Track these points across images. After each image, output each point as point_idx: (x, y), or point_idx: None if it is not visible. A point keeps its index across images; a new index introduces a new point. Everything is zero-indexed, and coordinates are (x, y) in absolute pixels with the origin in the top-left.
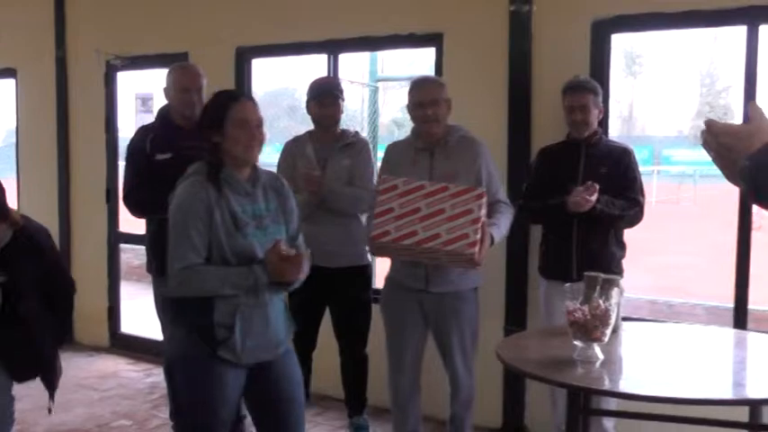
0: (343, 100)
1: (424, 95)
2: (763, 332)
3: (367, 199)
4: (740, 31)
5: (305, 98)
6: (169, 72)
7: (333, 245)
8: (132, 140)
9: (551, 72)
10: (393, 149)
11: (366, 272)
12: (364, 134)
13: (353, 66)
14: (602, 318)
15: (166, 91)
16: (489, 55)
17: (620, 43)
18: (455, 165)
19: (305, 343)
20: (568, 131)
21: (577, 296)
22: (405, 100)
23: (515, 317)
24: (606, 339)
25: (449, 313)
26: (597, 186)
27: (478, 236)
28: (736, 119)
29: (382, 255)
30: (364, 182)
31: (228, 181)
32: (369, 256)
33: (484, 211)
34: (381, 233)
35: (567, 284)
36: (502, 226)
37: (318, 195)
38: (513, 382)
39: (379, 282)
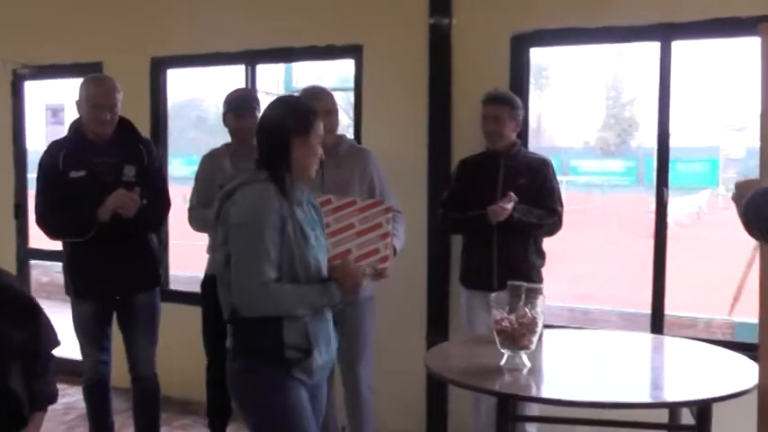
0: (260, 112)
1: (321, 106)
2: (678, 337)
3: None
4: (650, 46)
5: (215, 109)
6: (82, 85)
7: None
8: (44, 157)
9: (471, 85)
10: None
11: None
12: None
13: (268, 76)
14: (529, 326)
15: (79, 104)
16: (409, 67)
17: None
18: (346, 174)
19: (225, 360)
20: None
21: (503, 305)
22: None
23: (437, 327)
24: (533, 347)
25: (348, 324)
26: (513, 195)
27: (389, 251)
28: (641, 130)
29: None
30: None
31: (292, 191)
32: None
33: (392, 225)
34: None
35: (493, 294)
36: (401, 236)
37: None
38: (436, 391)
39: None
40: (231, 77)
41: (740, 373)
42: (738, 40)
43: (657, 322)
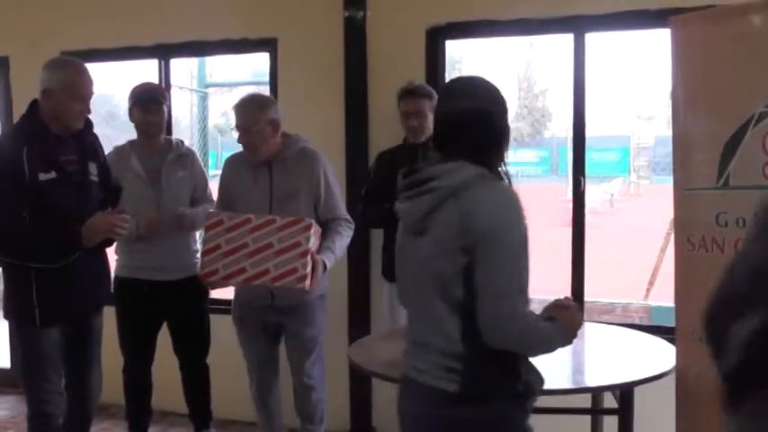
0: (168, 106)
1: (240, 121)
2: (597, 322)
3: None
4: (563, 39)
5: (126, 105)
6: (56, 70)
7: (166, 258)
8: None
9: (387, 77)
10: (232, 165)
11: (201, 281)
12: (193, 141)
13: (181, 71)
14: None
15: (49, 92)
16: (325, 60)
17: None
18: (295, 180)
19: (143, 359)
20: (405, 136)
21: None
22: (229, 106)
23: (359, 321)
24: None
25: (298, 323)
26: None
27: (308, 269)
28: (554, 120)
29: (217, 288)
30: (207, 195)
31: None
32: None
33: (312, 242)
34: (210, 272)
35: None
36: (336, 248)
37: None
38: (361, 385)
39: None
40: (144, 72)
41: (659, 356)
42: (648, 32)
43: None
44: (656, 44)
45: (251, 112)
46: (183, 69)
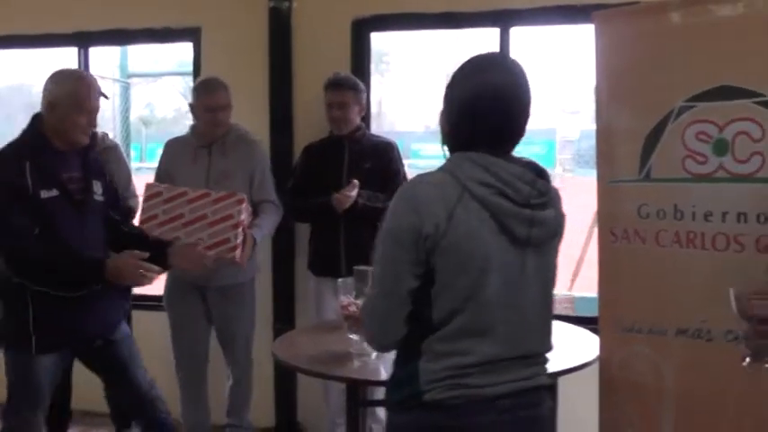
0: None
1: (216, 101)
2: None
3: (134, 209)
4: (489, 33)
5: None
6: (64, 81)
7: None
8: (1, 168)
9: (313, 69)
10: (173, 146)
11: None
12: (116, 133)
13: (102, 60)
14: None
15: (53, 105)
16: (249, 51)
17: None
18: (231, 163)
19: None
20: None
21: (350, 291)
22: (153, 97)
23: (284, 315)
24: None
25: (231, 306)
26: (356, 182)
27: (239, 240)
28: None
29: None
30: (131, 190)
31: None
32: None
33: (244, 216)
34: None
35: (340, 279)
36: (264, 227)
37: None
38: (285, 381)
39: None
40: (62, 60)
41: (582, 346)
42: (574, 27)
43: None
44: (582, 39)
45: (225, 92)
46: (105, 59)
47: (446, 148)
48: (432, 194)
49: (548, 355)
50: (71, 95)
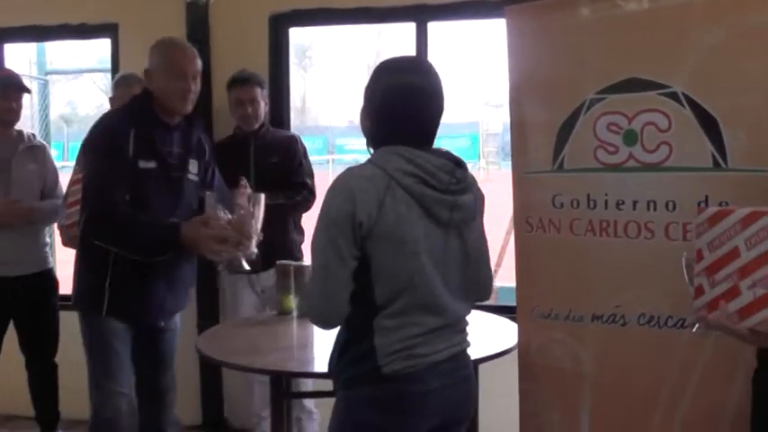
0: (29, 93)
1: (135, 92)
2: None
3: (62, 209)
4: (408, 27)
5: None
6: (155, 48)
7: (10, 252)
8: (106, 132)
9: (231, 64)
10: None
11: (50, 276)
12: (36, 131)
13: (19, 57)
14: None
15: (150, 74)
16: None
17: (291, 37)
18: None
19: None
20: (236, 125)
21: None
22: (74, 94)
23: (207, 311)
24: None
25: None
26: (245, 182)
27: None
28: None
29: (73, 245)
30: (57, 191)
31: None
32: (51, 260)
33: None
34: (74, 222)
35: (208, 192)
36: None
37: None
38: (211, 377)
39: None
40: None
41: (502, 334)
42: (494, 22)
43: None
44: (502, 33)
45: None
46: (21, 56)
47: (369, 142)
48: (363, 186)
49: (467, 319)
50: (163, 61)
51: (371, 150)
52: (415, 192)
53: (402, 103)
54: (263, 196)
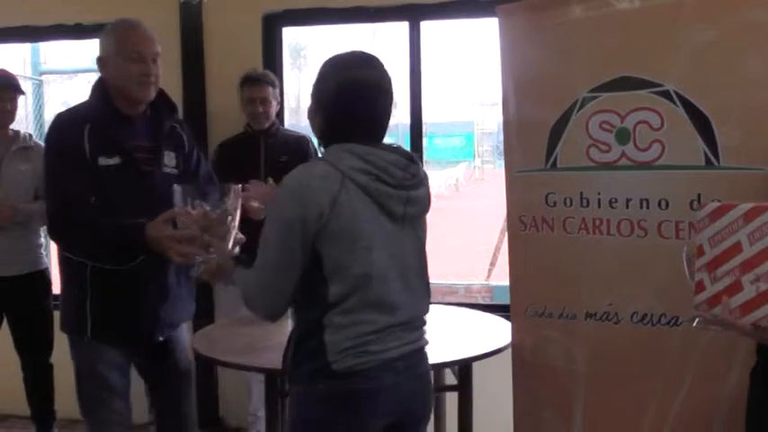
0: (23, 94)
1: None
2: (440, 304)
3: None
4: (401, 26)
5: None
6: (107, 32)
7: (5, 252)
8: (57, 133)
9: (225, 64)
10: None
11: (44, 277)
12: (31, 131)
13: (13, 57)
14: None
15: (104, 61)
16: (161, 46)
17: (285, 37)
18: None
19: None
20: (247, 123)
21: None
22: (69, 94)
23: (203, 310)
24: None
25: None
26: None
27: None
28: (399, 108)
29: None
30: None
31: None
32: (45, 260)
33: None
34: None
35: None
36: None
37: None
38: (206, 376)
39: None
40: None
41: (496, 332)
42: (486, 21)
43: None
44: (495, 32)
45: None
46: (15, 56)
47: (320, 141)
48: (315, 185)
49: (425, 317)
50: (115, 44)
51: (322, 150)
52: (369, 188)
53: (353, 100)
54: (238, 188)
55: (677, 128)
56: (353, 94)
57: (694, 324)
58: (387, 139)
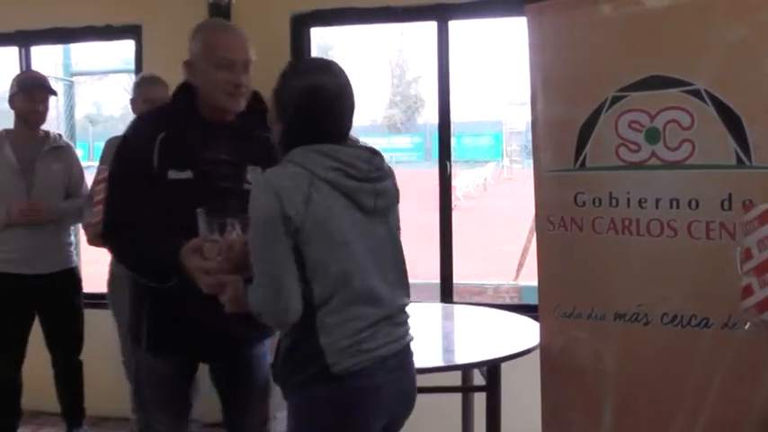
0: (54, 95)
1: (154, 93)
2: (468, 304)
3: (87, 208)
4: (430, 26)
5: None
6: (196, 33)
7: (36, 250)
8: (127, 138)
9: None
10: (114, 144)
11: (74, 275)
12: (62, 132)
13: (44, 59)
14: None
15: (190, 64)
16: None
17: (313, 37)
18: None
19: (13, 358)
20: None
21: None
22: (99, 95)
23: None
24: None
25: None
26: None
27: None
28: (427, 107)
29: (99, 244)
30: (82, 190)
31: None
32: (75, 259)
33: None
34: (102, 220)
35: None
36: None
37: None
38: None
39: (88, 285)
40: (3, 60)
41: (525, 333)
42: (515, 20)
43: (447, 291)
44: (524, 31)
45: (166, 88)
46: (47, 57)
47: (283, 144)
48: (287, 185)
49: (407, 310)
50: (205, 48)
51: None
52: (338, 184)
53: (316, 104)
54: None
55: (708, 127)
56: (316, 98)
57: (746, 327)
58: (413, 139)
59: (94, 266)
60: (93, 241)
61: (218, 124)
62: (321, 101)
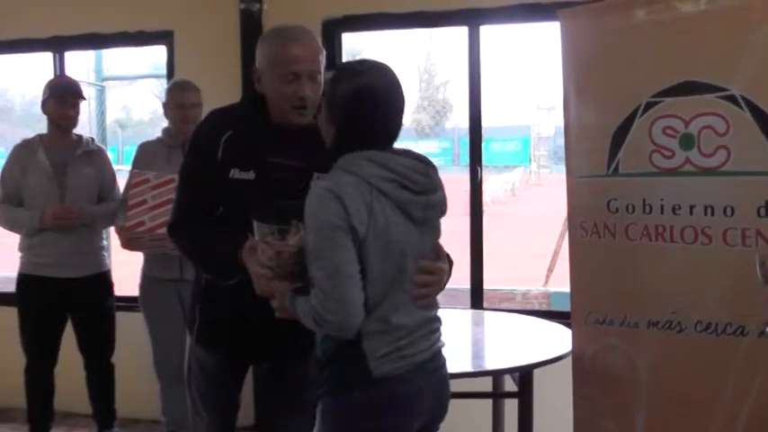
0: (84, 99)
1: (186, 98)
2: (498, 310)
3: (120, 212)
4: (460, 31)
5: (20, 99)
6: (262, 42)
7: (69, 254)
8: (196, 133)
9: None
10: (146, 148)
11: (106, 278)
12: (93, 136)
13: (78, 64)
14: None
15: (258, 74)
16: (221, 53)
17: (343, 41)
18: None
19: (46, 359)
20: None
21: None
22: (129, 100)
23: None
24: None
25: None
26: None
27: None
28: (455, 112)
29: (133, 248)
30: (114, 194)
31: None
32: (107, 262)
33: None
34: (136, 224)
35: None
36: None
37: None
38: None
39: (119, 289)
40: (38, 65)
41: (556, 339)
42: (543, 25)
43: (477, 297)
44: (555, 36)
45: (195, 91)
46: (79, 62)
47: (335, 149)
48: (350, 192)
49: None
50: (270, 58)
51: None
52: (394, 196)
53: (368, 105)
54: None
55: (744, 133)
56: (367, 100)
57: (766, 330)
58: (440, 143)
59: (126, 268)
60: (127, 245)
61: (289, 128)
62: (373, 102)
